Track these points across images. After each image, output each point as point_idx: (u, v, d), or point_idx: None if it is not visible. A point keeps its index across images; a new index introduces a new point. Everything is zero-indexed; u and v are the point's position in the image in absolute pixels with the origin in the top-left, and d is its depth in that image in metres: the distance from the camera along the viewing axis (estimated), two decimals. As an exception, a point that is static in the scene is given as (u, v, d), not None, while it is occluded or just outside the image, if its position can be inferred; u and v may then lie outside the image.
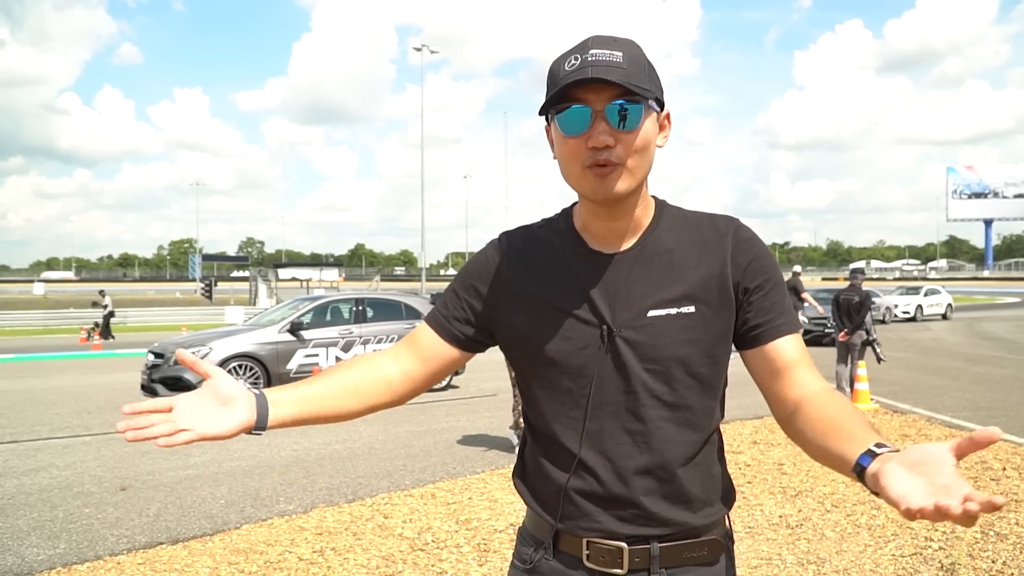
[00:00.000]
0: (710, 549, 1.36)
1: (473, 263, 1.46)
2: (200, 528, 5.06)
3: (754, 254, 1.35)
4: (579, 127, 1.25)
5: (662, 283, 1.32)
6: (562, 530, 1.36)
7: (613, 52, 1.24)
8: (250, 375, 10.49)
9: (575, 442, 1.34)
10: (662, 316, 1.31)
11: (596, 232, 1.37)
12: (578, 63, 1.24)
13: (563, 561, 1.37)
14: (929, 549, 4.36)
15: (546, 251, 1.40)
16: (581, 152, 1.26)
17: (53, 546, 4.74)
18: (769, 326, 1.33)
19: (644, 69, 1.26)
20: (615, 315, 1.31)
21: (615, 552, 1.32)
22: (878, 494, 0.97)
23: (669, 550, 1.32)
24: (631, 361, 1.30)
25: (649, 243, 1.35)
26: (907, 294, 31.48)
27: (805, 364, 1.32)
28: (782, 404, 1.31)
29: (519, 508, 5.30)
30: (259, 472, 6.60)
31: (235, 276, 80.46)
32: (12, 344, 23.27)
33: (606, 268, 1.34)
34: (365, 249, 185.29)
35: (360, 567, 4.27)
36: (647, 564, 1.32)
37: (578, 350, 1.32)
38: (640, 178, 1.30)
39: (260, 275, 43.19)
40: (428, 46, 40.72)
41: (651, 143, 1.29)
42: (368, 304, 12.13)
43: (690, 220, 1.39)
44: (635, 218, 1.35)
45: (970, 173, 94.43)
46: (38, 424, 9.11)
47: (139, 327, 31.31)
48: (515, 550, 1.48)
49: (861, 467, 1.03)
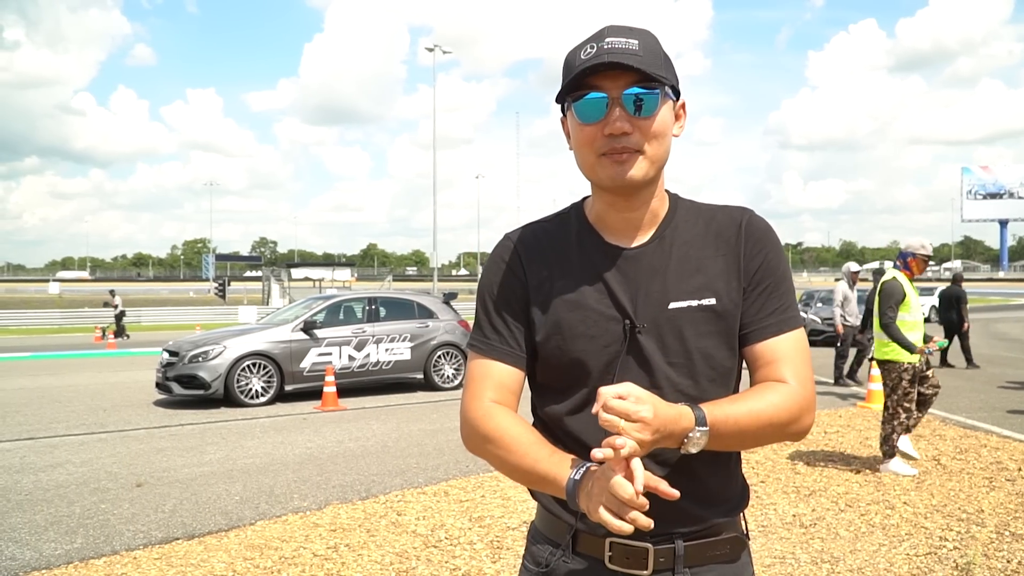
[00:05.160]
0: (732, 547, 1.35)
1: (493, 276, 1.41)
2: (215, 524, 5.10)
3: (764, 248, 1.34)
4: (596, 114, 1.25)
5: (682, 275, 1.31)
6: (582, 530, 1.32)
7: (629, 40, 1.24)
8: (264, 373, 10.54)
9: (596, 440, 1.29)
10: (683, 309, 1.30)
11: (612, 224, 1.35)
12: (594, 51, 1.24)
13: (582, 562, 1.33)
14: (944, 549, 4.34)
15: (563, 247, 1.37)
16: (597, 139, 1.26)
17: (70, 541, 4.79)
18: (760, 325, 1.32)
19: (660, 57, 1.26)
20: (637, 309, 1.30)
21: (640, 552, 1.29)
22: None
23: (693, 549, 1.31)
24: (655, 356, 1.29)
25: (667, 235, 1.34)
26: (921, 295, 31.20)
27: (784, 366, 1.30)
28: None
29: (532, 506, 5.30)
30: (273, 469, 6.64)
31: (248, 276, 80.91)
32: (28, 343, 23.48)
33: (626, 262, 1.33)
34: (377, 249, 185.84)
35: (374, 563, 4.29)
36: (672, 564, 1.30)
37: (602, 347, 1.30)
38: (658, 165, 1.29)
39: (273, 275, 43.36)
40: (440, 46, 40.74)
41: (668, 130, 1.29)
42: (381, 303, 12.16)
43: (704, 212, 1.38)
44: (651, 210, 1.34)
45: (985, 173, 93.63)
46: (54, 421, 9.19)
47: (153, 326, 31.53)
48: (526, 551, 1.45)
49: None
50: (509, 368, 1.38)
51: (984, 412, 8.85)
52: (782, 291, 1.34)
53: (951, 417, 8.53)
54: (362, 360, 11.38)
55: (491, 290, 1.40)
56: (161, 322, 33.13)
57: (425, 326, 12.06)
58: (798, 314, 1.36)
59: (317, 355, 10.97)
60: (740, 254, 1.33)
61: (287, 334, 10.92)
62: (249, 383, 10.44)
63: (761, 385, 1.30)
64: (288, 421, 9.21)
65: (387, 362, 11.62)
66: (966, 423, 8.16)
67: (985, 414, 8.71)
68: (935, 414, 8.72)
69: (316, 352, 10.97)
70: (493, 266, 1.41)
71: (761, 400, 1.26)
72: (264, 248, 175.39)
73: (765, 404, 1.25)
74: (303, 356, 10.87)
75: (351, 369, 11.26)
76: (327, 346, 11.08)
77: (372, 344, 11.47)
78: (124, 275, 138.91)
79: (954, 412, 8.82)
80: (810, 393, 1.30)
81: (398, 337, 11.73)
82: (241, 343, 10.64)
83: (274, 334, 10.90)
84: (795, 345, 1.32)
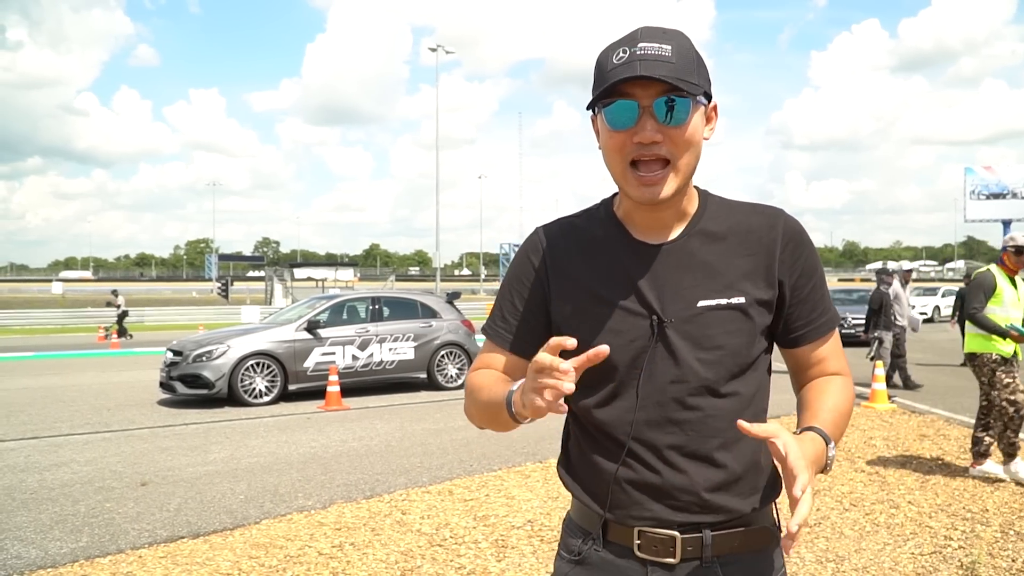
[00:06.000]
0: (761, 537, 1.36)
1: (517, 268, 1.45)
2: (220, 523, 5.11)
3: (802, 251, 1.37)
4: (626, 122, 1.24)
5: (711, 273, 1.33)
6: (611, 520, 1.35)
7: (662, 45, 1.23)
8: (267, 373, 10.55)
9: (624, 432, 1.33)
10: (712, 306, 1.31)
11: (640, 221, 1.36)
12: (626, 56, 1.23)
13: (613, 551, 1.36)
14: (949, 548, 4.34)
15: (590, 243, 1.39)
16: (627, 146, 1.26)
17: (76, 540, 4.80)
18: (806, 329, 1.38)
19: (693, 62, 1.26)
20: (665, 306, 1.31)
21: (667, 541, 1.31)
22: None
23: (721, 538, 1.32)
24: (682, 351, 1.30)
25: (696, 233, 1.35)
26: (924, 295, 31.25)
27: (832, 361, 1.40)
28: (800, 387, 1.44)
29: (536, 505, 5.32)
30: (277, 468, 6.65)
31: (251, 276, 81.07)
32: (31, 342, 23.52)
33: (653, 259, 1.34)
34: (379, 249, 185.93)
35: (379, 562, 4.30)
36: (699, 553, 1.31)
37: (628, 342, 1.32)
38: (687, 176, 1.29)
39: (276, 275, 43.44)
40: (443, 46, 40.79)
41: (698, 137, 1.28)
42: (384, 303, 12.17)
43: (735, 209, 1.39)
44: (680, 208, 1.35)
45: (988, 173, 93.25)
46: (58, 421, 9.21)
47: (156, 326, 31.57)
48: (561, 541, 1.47)
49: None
50: (510, 356, 1.45)
51: (988, 412, 8.83)
52: (822, 292, 1.39)
53: (955, 417, 8.52)
54: (365, 360, 11.39)
55: (512, 281, 1.46)
56: (164, 322, 33.16)
57: (428, 326, 12.07)
58: (835, 309, 1.42)
59: (321, 355, 10.98)
60: (775, 256, 1.34)
61: (291, 334, 10.93)
62: (253, 382, 10.45)
63: (822, 382, 1.39)
64: (292, 420, 9.23)
65: (390, 362, 11.63)
66: (970, 423, 8.14)
67: (989, 414, 8.69)
68: (939, 414, 8.72)
69: (320, 352, 10.98)
70: (518, 258, 1.47)
71: (833, 397, 1.35)
72: (267, 248, 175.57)
73: (837, 400, 1.35)
74: (307, 356, 10.88)
75: (355, 369, 11.27)
76: (331, 346, 11.09)
77: (375, 344, 11.48)
78: (127, 275, 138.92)
79: (958, 412, 8.81)
80: (851, 376, 1.44)
81: (401, 337, 11.74)
82: (245, 342, 10.65)
83: (278, 334, 10.92)
84: (837, 341, 1.43)
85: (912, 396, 10.15)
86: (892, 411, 9.01)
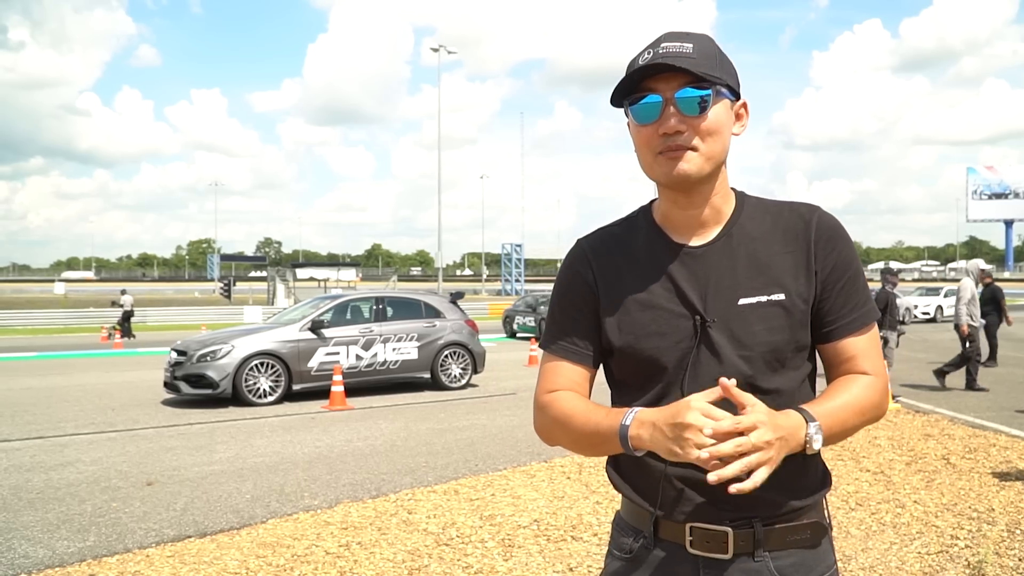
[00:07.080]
0: (812, 532, 1.37)
1: (567, 282, 1.48)
2: (227, 522, 5.12)
3: (837, 245, 1.38)
4: (651, 115, 1.31)
5: (751, 272, 1.35)
6: (662, 517, 1.37)
7: (684, 44, 1.30)
8: (271, 373, 10.57)
9: None
10: (753, 304, 1.34)
11: (677, 223, 1.40)
12: (650, 56, 1.30)
13: (665, 548, 1.37)
14: (955, 547, 4.34)
15: (632, 250, 1.43)
16: (654, 140, 1.32)
17: (83, 539, 4.81)
18: (837, 324, 1.37)
19: (715, 59, 1.32)
20: (707, 306, 1.34)
21: (720, 536, 1.32)
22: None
23: (773, 533, 1.33)
24: (725, 350, 1.33)
25: (734, 232, 1.38)
26: (927, 295, 31.26)
27: (863, 359, 1.38)
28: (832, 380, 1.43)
29: (542, 504, 5.32)
30: (283, 468, 6.66)
31: (253, 276, 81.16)
32: (34, 343, 23.55)
33: (693, 260, 1.37)
34: (381, 249, 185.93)
35: (386, 561, 4.31)
36: (751, 547, 1.32)
37: (673, 344, 1.35)
38: (713, 162, 1.33)
39: (278, 275, 43.41)
40: (445, 46, 40.84)
41: (722, 128, 1.33)
42: (388, 303, 12.18)
43: (772, 208, 1.42)
44: (716, 208, 1.39)
45: (990, 173, 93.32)
46: (63, 420, 9.22)
47: (159, 326, 31.59)
48: (611, 539, 1.49)
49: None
50: (574, 366, 1.46)
51: (992, 412, 8.84)
52: (858, 286, 1.39)
53: (960, 416, 8.52)
54: (369, 359, 11.40)
55: (564, 294, 1.49)
56: (166, 322, 33.19)
57: (432, 326, 12.08)
58: (874, 307, 1.41)
59: (325, 354, 11.00)
60: (811, 252, 1.36)
61: (295, 333, 10.95)
62: (257, 382, 10.47)
63: (845, 379, 1.38)
64: (296, 420, 9.24)
65: (394, 361, 11.64)
66: (975, 423, 8.15)
67: (993, 414, 8.70)
68: (943, 414, 8.72)
69: (324, 351, 11.00)
70: (565, 271, 1.50)
71: (848, 392, 1.35)
72: (269, 248, 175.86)
73: (853, 396, 1.34)
74: (311, 355, 10.89)
75: (358, 368, 11.28)
76: (334, 345, 11.11)
77: (379, 344, 11.50)
78: (129, 275, 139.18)
79: (962, 412, 8.82)
80: (886, 380, 1.41)
81: (405, 337, 11.75)
82: (249, 342, 10.67)
83: (281, 333, 10.93)
84: (872, 340, 1.40)
85: (916, 396, 10.15)
86: (896, 411, 9.01)
